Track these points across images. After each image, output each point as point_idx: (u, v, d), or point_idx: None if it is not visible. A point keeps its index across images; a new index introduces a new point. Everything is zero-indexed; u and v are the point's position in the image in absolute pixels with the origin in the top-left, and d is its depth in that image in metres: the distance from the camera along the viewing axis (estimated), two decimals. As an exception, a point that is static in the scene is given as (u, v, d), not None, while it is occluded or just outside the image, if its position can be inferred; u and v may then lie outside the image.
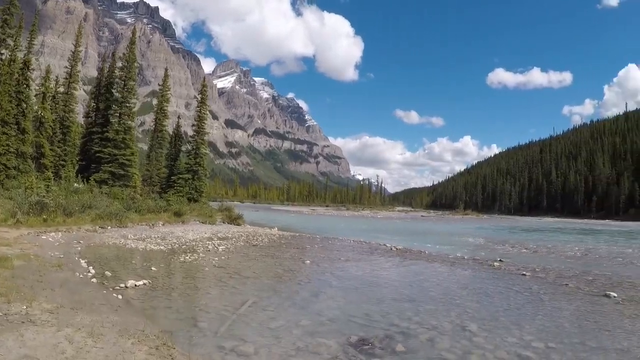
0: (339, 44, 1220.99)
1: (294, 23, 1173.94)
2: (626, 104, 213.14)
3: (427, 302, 7.09)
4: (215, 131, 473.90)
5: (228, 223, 23.90)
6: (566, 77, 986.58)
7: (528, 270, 10.99)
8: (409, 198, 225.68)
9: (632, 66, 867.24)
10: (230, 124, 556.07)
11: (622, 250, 18.43)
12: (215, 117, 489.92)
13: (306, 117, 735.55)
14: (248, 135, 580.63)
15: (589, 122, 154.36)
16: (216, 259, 10.67)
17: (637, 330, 5.79)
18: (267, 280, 8.47)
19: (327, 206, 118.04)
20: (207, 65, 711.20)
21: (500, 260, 13.26)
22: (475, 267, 11.72)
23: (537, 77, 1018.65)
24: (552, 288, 8.75)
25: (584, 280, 9.86)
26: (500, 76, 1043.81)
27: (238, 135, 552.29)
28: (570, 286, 8.95)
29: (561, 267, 12.28)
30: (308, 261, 11.35)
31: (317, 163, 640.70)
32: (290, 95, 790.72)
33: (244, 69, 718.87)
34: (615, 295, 7.95)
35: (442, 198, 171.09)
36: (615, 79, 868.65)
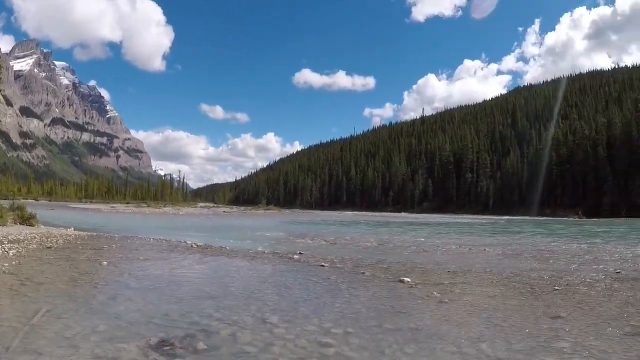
0: (149, 32, 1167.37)
1: (104, 5, 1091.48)
2: (423, 109, 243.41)
3: (228, 298, 7.09)
4: (9, 119, 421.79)
5: (20, 224, 21.19)
6: (369, 81, 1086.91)
7: (327, 262, 11.57)
8: (211, 194, 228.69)
9: (430, 75, 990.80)
10: (26, 111, 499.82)
11: (415, 239, 20.78)
12: (9, 104, 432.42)
13: (107, 108, 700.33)
14: (45, 125, 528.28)
15: (388, 124, 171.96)
16: (6, 264, 9.26)
17: (429, 310, 6.48)
18: (62, 285, 7.57)
19: (127, 203, 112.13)
20: (5, 44, 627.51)
21: (300, 252, 13.81)
22: (276, 260, 12.02)
23: (342, 79, 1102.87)
24: (350, 277, 9.33)
25: (379, 268, 10.72)
26: (307, 76, 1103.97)
27: (34, 125, 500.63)
28: (367, 274, 9.63)
29: (358, 256, 13.27)
30: (105, 262, 10.48)
31: (118, 157, 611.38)
32: (92, 83, 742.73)
33: (45, 50, 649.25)
34: (409, 280, 8.76)
35: (245, 194, 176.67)
36: (414, 86, 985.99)
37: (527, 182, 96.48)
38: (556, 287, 8.26)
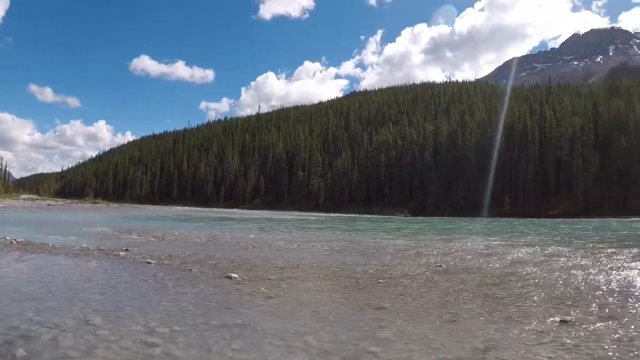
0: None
1: None
2: (259, 106, 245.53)
3: (49, 299, 6.63)
4: None
5: None
6: (209, 74, 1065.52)
7: (154, 258, 11.27)
8: (36, 184, 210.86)
9: (270, 74, 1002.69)
10: None
11: (244, 235, 21.05)
12: None
13: None
14: None
15: (223, 119, 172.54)
16: None
17: (256, 305, 6.62)
18: None
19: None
20: None
21: (126, 249, 13.30)
22: (101, 257, 11.43)
23: (181, 70, 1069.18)
24: (177, 274, 9.21)
25: (207, 264, 10.70)
26: (145, 63, 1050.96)
27: None
28: (194, 271, 9.56)
29: (187, 253, 13.07)
30: None
31: None
32: None
33: None
34: (236, 276, 8.82)
35: (72, 185, 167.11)
36: (253, 83, 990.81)
37: (357, 181, 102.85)
38: (380, 280, 8.84)
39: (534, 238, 21.27)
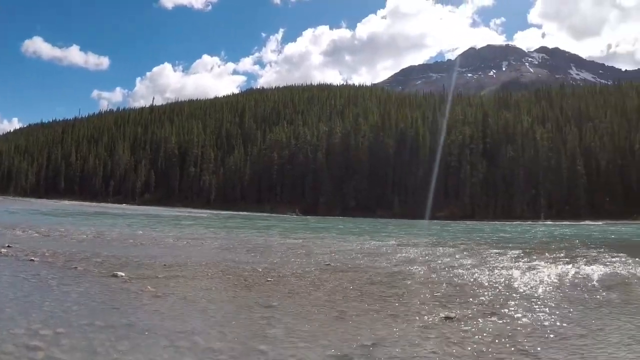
0: None
1: None
2: (153, 98, 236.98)
3: None
4: None
5: None
6: (104, 61, 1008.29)
7: (37, 255, 10.72)
8: None
9: (167, 65, 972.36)
10: None
11: (132, 232, 20.42)
12: None
13: None
14: None
15: (115, 109, 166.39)
16: None
17: (142, 305, 6.49)
18: None
19: None
20: None
21: (8, 246, 12.44)
22: None
23: (75, 55, 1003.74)
24: (62, 272, 8.83)
25: (93, 262, 10.33)
26: (38, 46, 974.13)
27: None
28: (79, 269, 9.22)
29: (72, 250, 12.50)
30: None
31: None
32: None
33: None
34: (123, 274, 8.62)
35: None
36: (149, 74, 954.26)
37: (249, 179, 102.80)
38: (269, 279, 8.97)
39: (421, 239, 22.38)
